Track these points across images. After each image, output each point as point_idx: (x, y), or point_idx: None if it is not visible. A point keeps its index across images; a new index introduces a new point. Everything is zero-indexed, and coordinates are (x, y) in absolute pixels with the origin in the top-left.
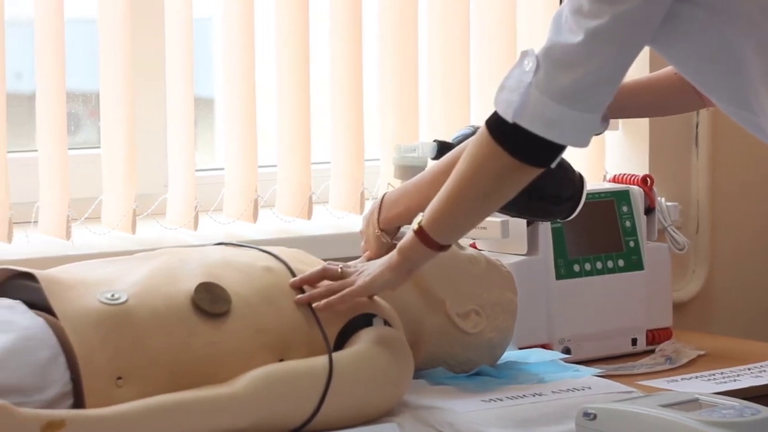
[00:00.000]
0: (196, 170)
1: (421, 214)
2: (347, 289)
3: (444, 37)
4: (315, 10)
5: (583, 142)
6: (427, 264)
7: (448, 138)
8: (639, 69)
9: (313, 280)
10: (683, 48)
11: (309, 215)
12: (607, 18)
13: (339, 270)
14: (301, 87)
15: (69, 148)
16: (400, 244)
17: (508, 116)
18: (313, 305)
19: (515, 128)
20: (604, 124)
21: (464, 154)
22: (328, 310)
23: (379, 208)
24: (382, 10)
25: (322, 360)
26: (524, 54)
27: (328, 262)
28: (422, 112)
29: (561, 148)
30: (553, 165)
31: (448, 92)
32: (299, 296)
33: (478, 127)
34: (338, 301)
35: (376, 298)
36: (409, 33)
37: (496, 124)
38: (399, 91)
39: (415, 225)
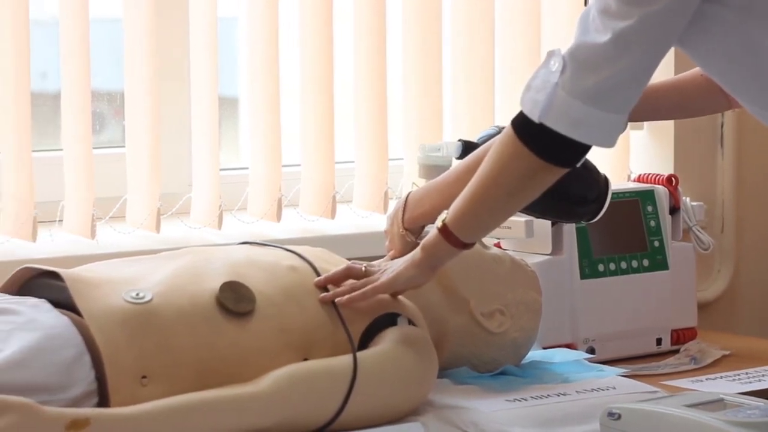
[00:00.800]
0: (221, 169)
1: (445, 211)
2: (371, 285)
3: (468, 37)
4: (339, 10)
5: (609, 143)
6: (451, 263)
7: (473, 138)
8: (664, 71)
9: (338, 279)
10: (710, 48)
11: (333, 215)
12: (635, 19)
13: (363, 269)
14: (325, 86)
15: (94, 147)
16: (423, 241)
17: (534, 116)
18: (336, 300)
19: (541, 128)
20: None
21: (489, 153)
22: (350, 306)
23: (404, 208)
24: (406, 9)
25: (346, 359)
26: (550, 54)
27: (352, 261)
28: (446, 111)
29: (586, 149)
30: (578, 165)
31: (472, 91)
32: (323, 294)
33: (502, 127)
34: (361, 297)
35: (400, 297)
36: (433, 32)
37: (521, 124)
38: (423, 91)
39: (439, 222)
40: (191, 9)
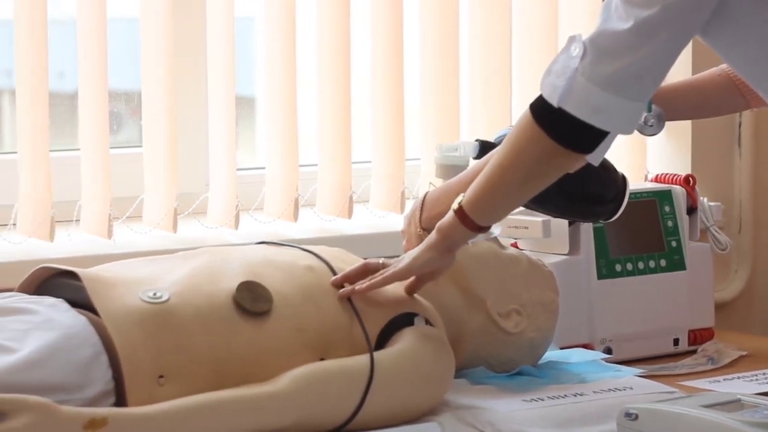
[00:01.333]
0: (238, 169)
1: (462, 194)
2: (390, 270)
3: (485, 36)
4: (356, 9)
5: (627, 130)
6: (468, 264)
7: (490, 137)
8: (682, 70)
9: (355, 276)
10: (732, 39)
11: (349, 214)
12: (658, 8)
13: (380, 262)
14: (342, 86)
15: (111, 147)
16: (439, 223)
17: (554, 100)
18: (356, 287)
19: (560, 113)
20: (660, 125)
21: (507, 136)
22: (370, 291)
23: (421, 207)
24: (423, 8)
25: (363, 359)
26: (571, 39)
27: (368, 260)
28: (463, 111)
29: (603, 135)
30: (597, 164)
31: (489, 91)
32: (342, 290)
33: None
34: (381, 282)
35: (417, 297)
36: (450, 32)
37: (540, 108)
38: (440, 90)
39: (455, 205)
40: (208, 9)
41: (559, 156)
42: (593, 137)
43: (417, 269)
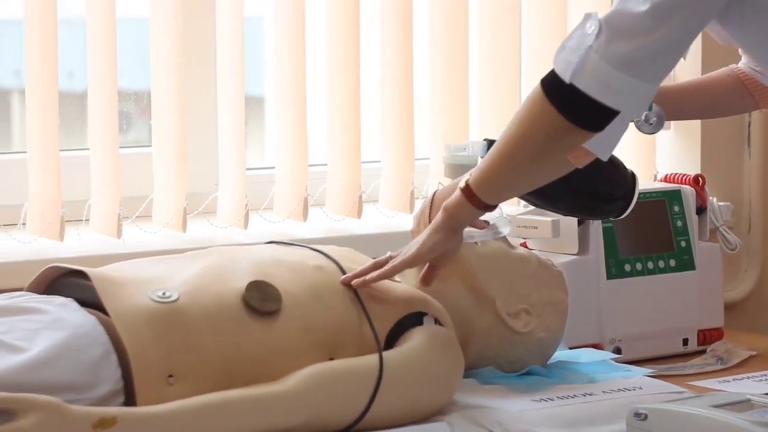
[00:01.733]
0: (247, 169)
1: (468, 173)
2: (398, 259)
3: (494, 37)
4: (365, 9)
5: (637, 111)
6: (478, 263)
7: (498, 137)
8: (692, 69)
9: (363, 273)
10: (754, 27)
11: (359, 214)
12: None
13: (388, 256)
14: (351, 86)
15: (120, 147)
16: (445, 203)
17: (566, 76)
18: (368, 277)
19: (571, 89)
20: (659, 124)
21: (516, 113)
22: (381, 280)
23: (430, 206)
24: (433, 8)
25: (372, 359)
26: (587, 16)
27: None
28: (472, 111)
29: (613, 114)
30: (605, 159)
31: (498, 91)
32: (353, 281)
33: None
34: (392, 271)
35: (426, 296)
36: (459, 32)
37: (551, 83)
38: (449, 90)
39: (462, 183)
40: (218, 8)
41: (568, 133)
42: (603, 116)
43: (426, 254)
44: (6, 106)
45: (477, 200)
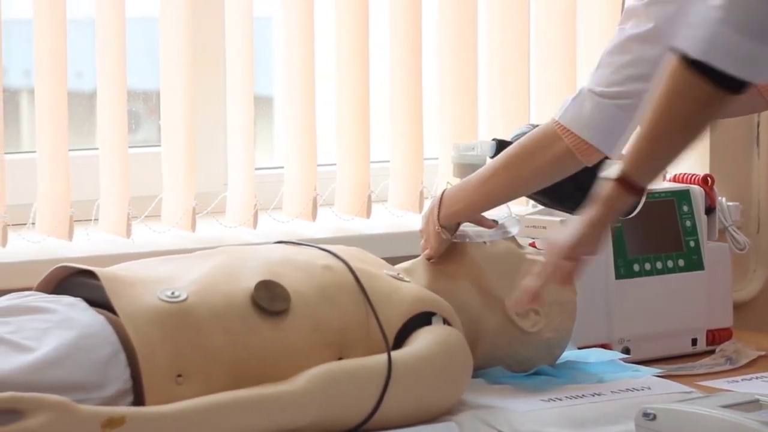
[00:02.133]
0: (256, 169)
1: (611, 167)
2: (550, 263)
3: (503, 36)
4: (374, 9)
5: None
6: (486, 263)
7: (507, 136)
8: None
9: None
10: None
11: (368, 214)
12: None
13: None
14: (360, 86)
15: (129, 147)
16: (600, 197)
17: (697, 54)
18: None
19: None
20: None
21: (656, 92)
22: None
23: (439, 205)
24: (442, 9)
25: (381, 359)
26: None
27: (387, 260)
28: (481, 110)
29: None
30: (615, 157)
31: (507, 91)
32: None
33: (536, 125)
34: (549, 276)
35: (435, 296)
36: (468, 32)
37: (687, 57)
38: (458, 90)
39: (612, 176)
40: (227, 8)
41: (716, 98)
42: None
43: (584, 248)
44: (15, 106)
45: (635, 186)
